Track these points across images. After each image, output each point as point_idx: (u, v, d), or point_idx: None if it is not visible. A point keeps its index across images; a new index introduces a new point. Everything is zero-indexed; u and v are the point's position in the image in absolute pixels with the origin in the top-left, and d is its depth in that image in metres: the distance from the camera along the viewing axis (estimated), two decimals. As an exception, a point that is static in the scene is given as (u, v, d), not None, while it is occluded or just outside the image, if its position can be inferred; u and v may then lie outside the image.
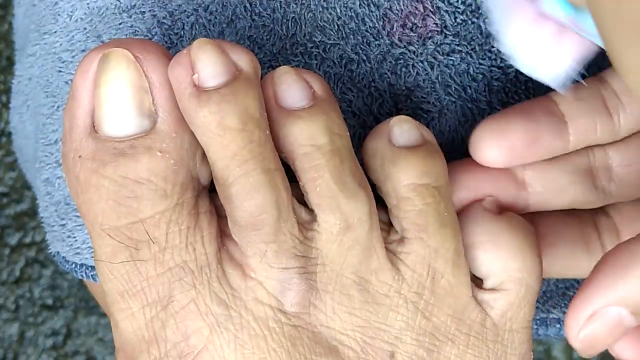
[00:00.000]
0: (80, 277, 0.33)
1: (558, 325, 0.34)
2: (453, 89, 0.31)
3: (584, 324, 0.27)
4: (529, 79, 0.33)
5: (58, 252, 0.34)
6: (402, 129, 0.29)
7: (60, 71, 0.33)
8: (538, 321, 0.34)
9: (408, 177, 0.28)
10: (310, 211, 0.27)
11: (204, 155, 0.27)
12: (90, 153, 0.26)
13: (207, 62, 0.26)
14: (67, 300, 0.62)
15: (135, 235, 0.26)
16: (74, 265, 0.33)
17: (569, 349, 0.65)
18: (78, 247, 0.33)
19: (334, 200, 0.27)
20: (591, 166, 0.31)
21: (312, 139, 0.27)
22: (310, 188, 0.27)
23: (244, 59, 0.27)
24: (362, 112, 0.31)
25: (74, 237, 0.33)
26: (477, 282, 0.29)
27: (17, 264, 0.62)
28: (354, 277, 0.28)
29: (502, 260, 0.29)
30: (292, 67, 0.28)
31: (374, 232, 0.28)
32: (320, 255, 0.27)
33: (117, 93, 0.26)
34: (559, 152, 0.30)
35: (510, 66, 0.32)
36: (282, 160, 0.28)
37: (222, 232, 0.27)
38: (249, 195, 0.26)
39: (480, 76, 0.31)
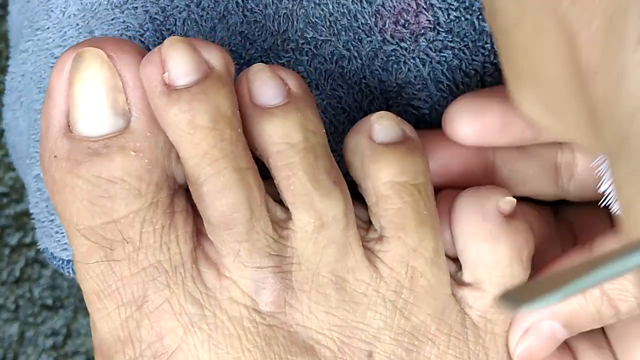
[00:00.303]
0: (67, 274, 0.33)
1: None
2: (445, 85, 0.31)
3: (520, 338, 0.28)
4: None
5: (46, 248, 0.34)
6: (382, 125, 0.28)
7: (52, 67, 0.33)
8: None
9: (387, 174, 0.28)
10: (286, 209, 0.27)
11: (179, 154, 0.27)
12: (65, 153, 0.26)
13: (177, 60, 0.26)
14: (67, 300, 0.62)
15: (110, 235, 0.26)
16: (60, 262, 0.33)
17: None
18: (65, 243, 0.33)
19: (307, 199, 0.27)
20: (557, 162, 0.30)
21: (286, 136, 0.27)
22: (284, 186, 0.27)
23: (215, 57, 0.27)
24: (352, 108, 0.31)
25: (62, 233, 0.33)
26: (456, 276, 0.29)
27: (17, 264, 0.62)
28: (330, 275, 0.27)
29: (491, 262, 0.28)
30: (267, 64, 0.28)
31: (350, 231, 0.27)
32: (296, 254, 0.27)
33: (90, 92, 0.26)
34: (529, 141, 0.30)
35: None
36: (258, 158, 0.27)
37: (199, 231, 0.27)
38: (220, 194, 0.26)
39: (473, 72, 0.31)
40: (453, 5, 0.31)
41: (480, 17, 0.31)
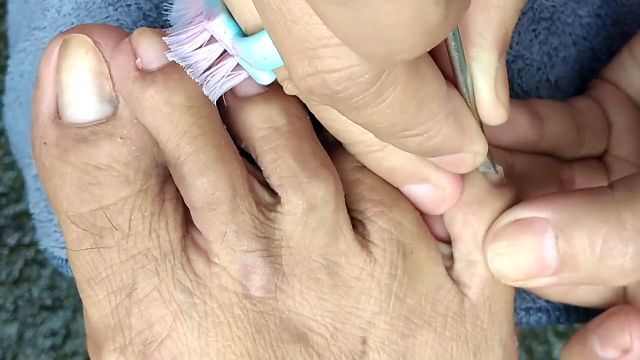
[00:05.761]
0: (66, 273, 0.33)
1: (539, 314, 0.33)
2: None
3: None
4: (522, 68, 0.33)
5: (46, 248, 0.34)
6: None
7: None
8: (523, 310, 0.33)
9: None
10: (274, 194, 0.27)
11: None
12: (54, 139, 0.26)
13: (148, 46, 0.26)
14: (66, 300, 0.62)
15: (99, 222, 0.26)
16: (60, 261, 0.33)
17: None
18: (64, 242, 0.32)
19: (295, 180, 0.27)
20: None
21: (270, 121, 0.27)
22: (271, 170, 0.27)
23: None
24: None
25: (60, 232, 0.33)
26: (449, 258, 0.29)
27: (16, 264, 0.62)
28: (321, 259, 0.27)
29: (473, 227, 0.29)
30: None
31: (341, 214, 0.27)
32: (285, 237, 0.27)
33: (77, 79, 0.26)
34: (532, 142, 0.31)
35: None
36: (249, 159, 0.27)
37: (189, 221, 0.27)
38: (201, 172, 0.26)
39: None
40: None
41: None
